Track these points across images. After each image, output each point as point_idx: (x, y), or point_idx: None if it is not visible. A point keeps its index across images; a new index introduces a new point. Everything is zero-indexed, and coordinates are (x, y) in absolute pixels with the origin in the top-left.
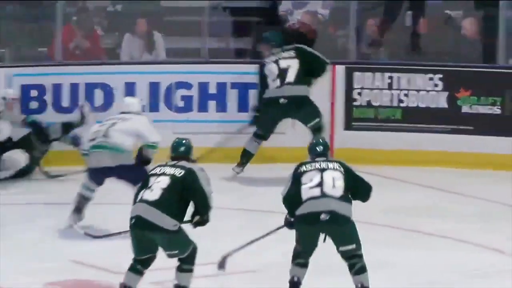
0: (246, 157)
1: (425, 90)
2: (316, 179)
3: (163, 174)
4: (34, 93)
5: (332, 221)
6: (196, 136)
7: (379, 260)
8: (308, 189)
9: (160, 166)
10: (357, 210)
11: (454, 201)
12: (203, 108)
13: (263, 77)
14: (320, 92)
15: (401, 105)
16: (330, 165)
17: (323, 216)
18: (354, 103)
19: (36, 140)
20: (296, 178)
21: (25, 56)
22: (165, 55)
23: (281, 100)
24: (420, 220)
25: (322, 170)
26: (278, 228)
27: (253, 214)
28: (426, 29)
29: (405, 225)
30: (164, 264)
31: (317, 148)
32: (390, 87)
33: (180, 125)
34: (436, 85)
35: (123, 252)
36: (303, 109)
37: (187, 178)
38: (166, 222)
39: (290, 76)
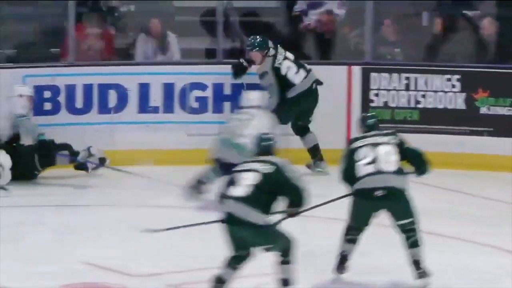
0: (317, 150)
1: (442, 91)
2: (370, 156)
3: (249, 170)
4: (47, 94)
5: (388, 197)
6: (210, 138)
7: (393, 263)
8: (363, 166)
9: (246, 162)
10: None
11: (470, 204)
12: (218, 109)
13: (281, 78)
14: (336, 93)
15: (418, 106)
16: (383, 139)
17: (378, 192)
18: (371, 104)
19: (38, 159)
20: (350, 155)
21: (38, 57)
22: (180, 56)
23: (313, 86)
24: (435, 222)
25: (375, 145)
26: (341, 197)
27: None
28: (442, 29)
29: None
30: (175, 267)
31: (368, 121)
32: (407, 88)
33: (194, 127)
34: (453, 86)
35: (137, 254)
36: (318, 97)
37: (274, 173)
38: (255, 217)
39: (305, 64)
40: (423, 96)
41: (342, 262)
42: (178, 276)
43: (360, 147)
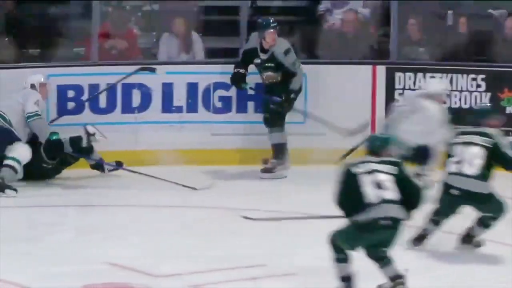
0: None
1: (468, 90)
2: (459, 155)
3: (377, 171)
4: (71, 93)
5: (465, 198)
6: (235, 137)
7: (421, 264)
8: (451, 163)
9: (361, 163)
10: None
11: None
12: (241, 109)
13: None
14: (361, 92)
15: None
16: (476, 138)
17: (454, 191)
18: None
19: (44, 154)
20: (449, 149)
21: (61, 56)
22: (203, 55)
23: None
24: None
25: (467, 145)
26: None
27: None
28: (466, 29)
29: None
30: (195, 268)
31: (471, 118)
32: None
33: (218, 126)
34: (479, 86)
35: (158, 254)
36: None
37: (399, 174)
38: (404, 215)
39: None
40: (448, 95)
41: (421, 237)
42: (198, 276)
43: (456, 143)
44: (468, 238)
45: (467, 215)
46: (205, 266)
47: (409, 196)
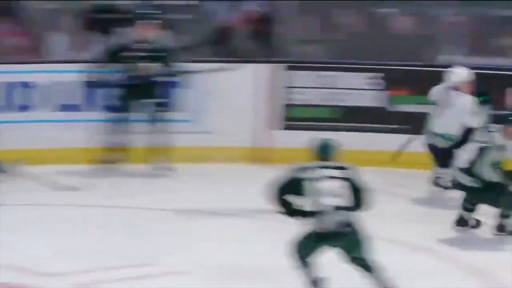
0: None
1: (363, 89)
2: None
3: (329, 177)
4: None
5: (461, 187)
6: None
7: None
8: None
9: (311, 168)
10: None
11: (389, 202)
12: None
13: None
14: (257, 91)
15: (340, 104)
16: (485, 139)
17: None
18: (292, 102)
19: None
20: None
21: None
22: (92, 54)
23: None
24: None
25: (477, 142)
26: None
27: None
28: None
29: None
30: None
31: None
32: (328, 86)
33: (102, 125)
34: (374, 84)
35: (51, 254)
36: None
37: (351, 177)
38: (357, 221)
39: None
40: (344, 94)
41: (461, 221)
42: (87, 275)
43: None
44: (501, 227)
45: None
46: (95, 265)
47: (356, 198)
